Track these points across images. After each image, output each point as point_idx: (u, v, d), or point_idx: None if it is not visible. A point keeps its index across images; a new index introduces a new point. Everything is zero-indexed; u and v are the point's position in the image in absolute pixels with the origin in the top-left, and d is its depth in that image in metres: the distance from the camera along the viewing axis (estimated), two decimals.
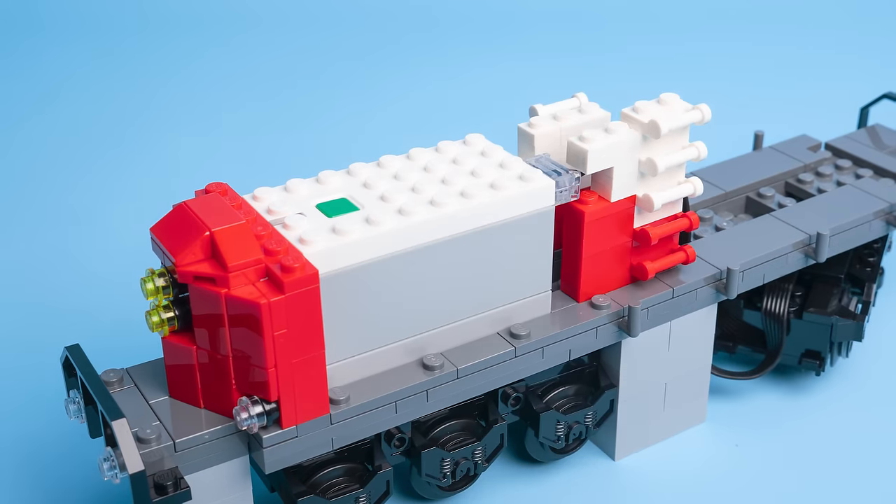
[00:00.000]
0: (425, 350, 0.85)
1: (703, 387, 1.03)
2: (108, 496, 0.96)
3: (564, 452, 0.98)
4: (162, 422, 0.79)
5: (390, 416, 0.83)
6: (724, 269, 0.96)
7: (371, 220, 0.79)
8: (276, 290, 0.74)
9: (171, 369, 0.81)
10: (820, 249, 1.00)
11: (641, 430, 1.01)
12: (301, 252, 0.76)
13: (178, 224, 0.77)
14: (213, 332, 0.77)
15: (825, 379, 1.10)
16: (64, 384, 0.84)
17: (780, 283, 1.03)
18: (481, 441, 0.91)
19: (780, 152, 1.18)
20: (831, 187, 1.12)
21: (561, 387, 0.96)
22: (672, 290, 0.94)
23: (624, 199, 0.90)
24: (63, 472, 0.99)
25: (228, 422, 0.79)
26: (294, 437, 0.79)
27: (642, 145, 0.88)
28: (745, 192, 1.12)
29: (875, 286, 1.10)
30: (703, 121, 0.89)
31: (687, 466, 1.00)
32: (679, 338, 0.98)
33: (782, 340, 1.04)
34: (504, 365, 0.87)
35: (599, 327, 0.91)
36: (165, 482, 0.76)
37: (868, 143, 1.20)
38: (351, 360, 0.82)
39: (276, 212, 0.81)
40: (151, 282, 0.78)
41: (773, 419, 1.05)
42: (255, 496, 0.84)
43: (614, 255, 0.92)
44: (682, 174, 0.92)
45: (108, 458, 0.75)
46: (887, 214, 1.06)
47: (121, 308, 1.19)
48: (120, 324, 1.16)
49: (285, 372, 0.76)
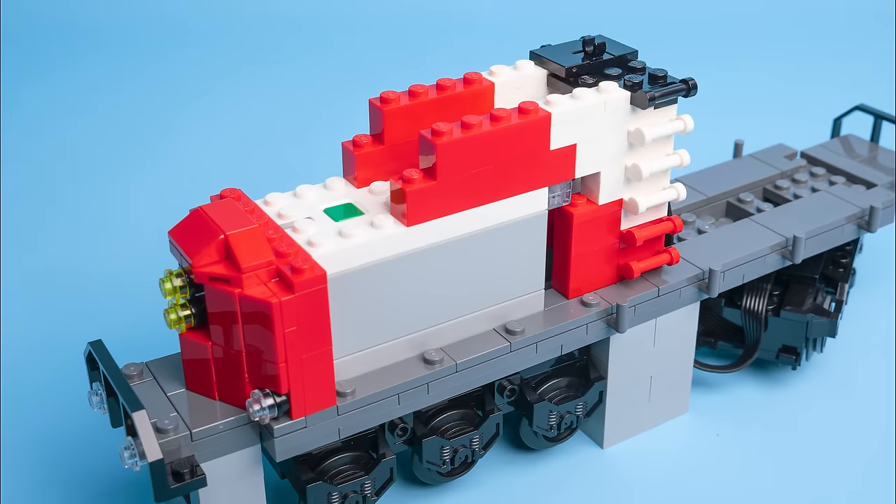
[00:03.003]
0: (426, 345, 0.85)
1: (686, 379, 1.03)
2: (128, 482, 0.96)
3: (556, 441, 0.98)
4: (179, 413, 0.79)
5: (393, 407, 0.83)
6: (706, 269, 0.96)
7: (375, 224, 0.79)
8: (287, 289, 0.74)
9: (188, 363, 0.81)
10: (796, 251, 1.00)
11: (628, 419, 1.01)
12: (310, 254, 0.76)
13: (195, 228, 0.77)
14: (228, 329, 0.77)
15: (801, 373, 1.10)
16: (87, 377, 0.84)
17: (759, 282, 1.03)
18: (478, 430, 0.91)
19: (758, 160, 1.18)
20: (806, 193, 1.12)
21: (553, 379, 0.96)
22: (657, 289, 0.94)
23: (611, 202, 0.90)
24: (86, 459, 0.99)
25: (241, 413, 0.79)
26: (303, 427, 0.79)
27: (628, 151, 0.88)
28: (726, 198, 1.12)
29: (847, 286, 1.10)
30: (685, 130, 0.89)
31: (671, 454, 1.00)
32: (664, 334, 0.98)
33: (760, 336, 1.04)
34: (500, 359, 0.87)
35: (589, 324, 0.91)
36: (182, 469, 0.76)
37: (841, 152, 1.20)
38: (356, 355, 0.82)
39: (286, 216, 0.81)
40: (170, 282, 0.78)
41: (752, 410, 1.05)
42: (266, 483, 0.84)
43: (602, 255, 0.92)
44: (666, 180, 0.92)
45: (129, 447, 0.75)
46: (859, 219, 1.06)
47: (141, 306, 1.19)
48: (140, 321, 1.16)
49: (295, 366, 0.76)
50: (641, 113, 0.87)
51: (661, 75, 0.87)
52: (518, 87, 0.90)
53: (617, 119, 0.86)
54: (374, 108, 0.87)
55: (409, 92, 0.87)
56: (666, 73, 0.87)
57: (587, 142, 0.86)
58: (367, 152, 0.86)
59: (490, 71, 0.91)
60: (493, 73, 0.91)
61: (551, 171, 0.85)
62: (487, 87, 0.89)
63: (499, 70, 0.91)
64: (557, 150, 0.84)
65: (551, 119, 0.83)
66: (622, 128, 0.87)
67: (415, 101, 0.87)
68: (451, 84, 0.88)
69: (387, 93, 0.86)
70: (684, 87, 0.87)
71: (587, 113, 0.84)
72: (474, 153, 0.80)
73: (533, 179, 0.84)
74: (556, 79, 0.90)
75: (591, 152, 0.86)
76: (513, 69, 0.91)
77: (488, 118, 0.81)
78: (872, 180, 1.13)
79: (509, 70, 0.91)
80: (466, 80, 0.89)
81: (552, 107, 0.83)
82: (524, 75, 0.90)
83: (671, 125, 0.88)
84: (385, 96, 0.86)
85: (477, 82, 0.89)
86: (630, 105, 0.86)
